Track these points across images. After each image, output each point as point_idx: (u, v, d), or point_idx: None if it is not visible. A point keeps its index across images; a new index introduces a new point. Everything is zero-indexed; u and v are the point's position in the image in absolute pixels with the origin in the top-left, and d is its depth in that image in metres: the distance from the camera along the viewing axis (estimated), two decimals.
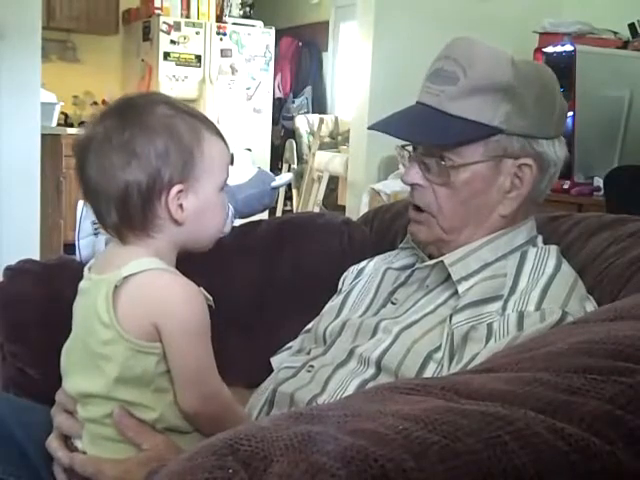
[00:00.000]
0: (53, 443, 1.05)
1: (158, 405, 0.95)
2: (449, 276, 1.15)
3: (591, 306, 1.09)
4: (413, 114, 1.16)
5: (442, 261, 1.16)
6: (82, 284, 1.02)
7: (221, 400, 0.98)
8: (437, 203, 1.15)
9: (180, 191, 0.96)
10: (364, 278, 1.34)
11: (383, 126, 1.17)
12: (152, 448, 0.94)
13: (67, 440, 1.04)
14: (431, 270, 1.20)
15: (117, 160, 0.93)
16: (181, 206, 0.96)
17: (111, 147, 0.93)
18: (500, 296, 1.08)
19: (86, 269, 1.02)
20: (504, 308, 1.06)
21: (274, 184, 1.60)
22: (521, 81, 1.10)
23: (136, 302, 0.94)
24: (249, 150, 5.66)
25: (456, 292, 1.13)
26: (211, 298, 1.00)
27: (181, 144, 0.95)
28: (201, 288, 0.98)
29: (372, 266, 1.36)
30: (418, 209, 1.18)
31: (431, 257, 1.21)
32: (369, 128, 1.19)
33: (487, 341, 1.02)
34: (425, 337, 1.09)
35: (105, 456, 0.97)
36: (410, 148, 1.20)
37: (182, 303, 0.94)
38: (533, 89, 1.12)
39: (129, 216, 0.95)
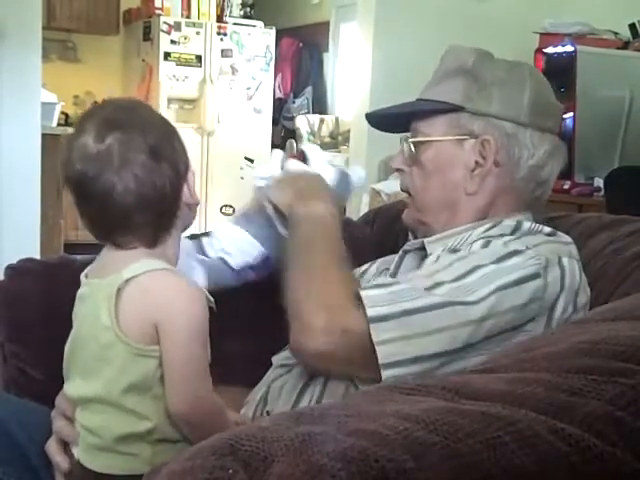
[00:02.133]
0: (51, 447, 1.05)
1: (154, 414, 0.95)
2: None
3: (571, 263, 1.07)
4: (401, 104, 1.26)
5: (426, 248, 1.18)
6: (81, 291, 1.01)
7: (210, 405, 0.97)
8: (413, 183, 1.22)
9: (192, 176, 1.02)
10: (365, 280, 1.34)
11: (372, 112, 1.30)
12: None
13: (66, 444, 1.04)
14: (421, 262, 1.21)
15: (150, 164, 0.94)
16: (192, 190, 1.02)
17: (137, 154, 0.93)
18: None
19: (82, 276, 1.02)
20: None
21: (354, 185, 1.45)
22: (483, 65, 1.18)
23: (138, 303, 0.94)
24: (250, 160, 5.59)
25: None
26: (213, 300, 1.00)
27: (177, 135, 1.00)
28: (204, 289, 0.98)
29: (374, 268, 1.36)
30: (409, 194, 1.25)
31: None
32: (366, 116, 1.30)
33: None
34: None
35: (97, 466, 0.97)
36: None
37: (184, 302, 0.95)
38: (496, 73, 1.18)
39: (163, 215, 0.97)
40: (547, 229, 1.14)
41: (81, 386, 0.99)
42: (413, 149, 1.21)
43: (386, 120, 1.31)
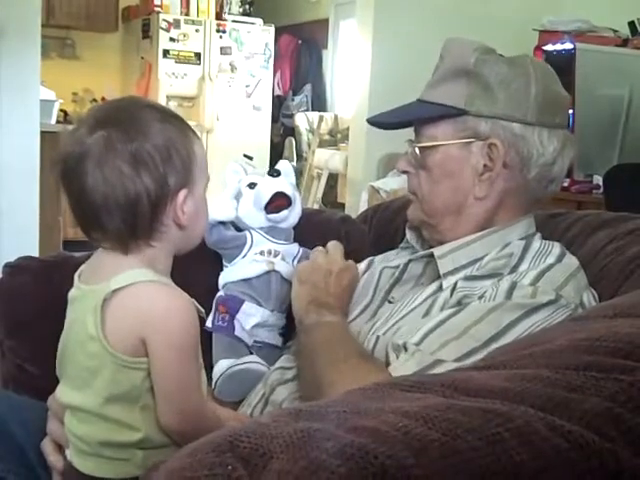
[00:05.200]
0: (46, 446, 1.05)
1: (144, 424, 0.93)
2: None
3: (588, 297, 1.09)
4: (404, 107, 1.24)
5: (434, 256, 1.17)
6: (72, 293, 1.00)
7: (202, 419, 0.95)
8: (420, 187, 1.20)
9: (185, 195, 0.95)
10: (362, 278, 1.33)
11: (374, 117, 1.25)
12: None
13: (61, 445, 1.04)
14: (425, 268, 1.21)
15: (126, 169, 0.91)
16: (182, 210, 0.96)
17: (116, 157, 0.91)
18: (499, 274, 1.09)
19: (76, 277, 1.01)
20: (498, 284, 1.07)
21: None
22: (485, 64, 1.14)
23: (124, 315, 0.92)
24: (249, 158, 5.60)
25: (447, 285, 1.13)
26: (203, 310, 0.97)
27: (179, 148, 0.95)
28: (193, 300, 0.95)
29: (376, 270, 1.35)
30: (414, 194, 1.24)
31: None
32: (367, 120, 1.26)
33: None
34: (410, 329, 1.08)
35: (89, 469, 0.96)
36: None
37: (170, 314, 0.92)
38: (498, 72, 1.13)
39: (135, 225, 0.92)
40: (557, 249, 1.14)
41: (68, 393, 0.98)
42: (419, 153, 1.18)
43: (387, 123, 1.29)
